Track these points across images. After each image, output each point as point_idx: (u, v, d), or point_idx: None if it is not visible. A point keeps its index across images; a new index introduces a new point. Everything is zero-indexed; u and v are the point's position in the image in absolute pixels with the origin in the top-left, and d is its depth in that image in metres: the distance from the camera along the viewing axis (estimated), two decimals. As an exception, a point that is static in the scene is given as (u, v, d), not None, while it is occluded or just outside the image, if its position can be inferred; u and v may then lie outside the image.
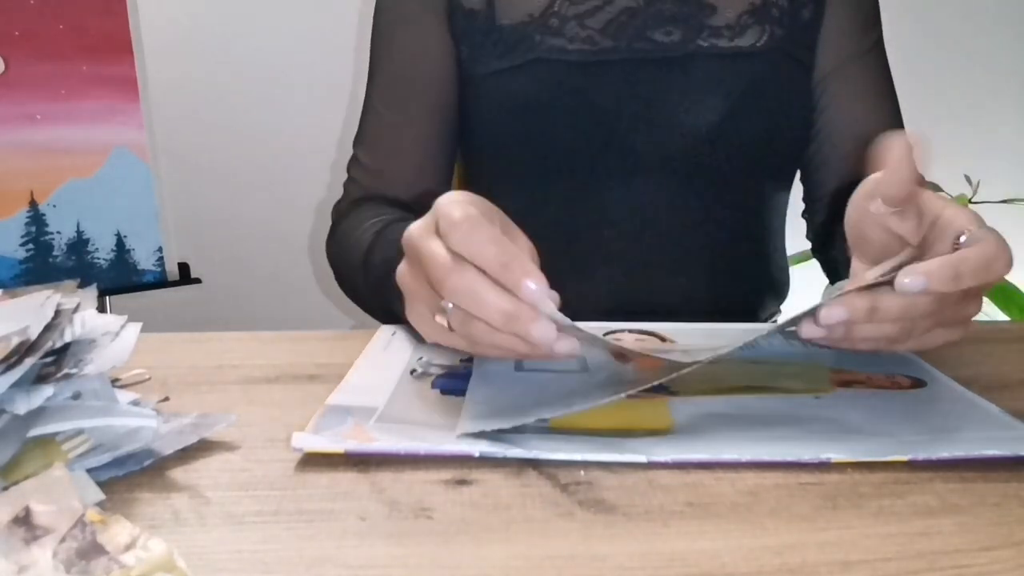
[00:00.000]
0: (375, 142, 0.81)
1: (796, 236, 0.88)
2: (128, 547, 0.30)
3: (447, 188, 0.83)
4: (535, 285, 0.40)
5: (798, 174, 0.85)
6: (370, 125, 0.81)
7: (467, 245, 0.42)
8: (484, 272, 0.41)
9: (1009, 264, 0.44)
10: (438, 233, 0.44)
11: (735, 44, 0.75)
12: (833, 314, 0.43)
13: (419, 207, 0.64)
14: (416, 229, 0.46)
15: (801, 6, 0.77)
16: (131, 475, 0.40)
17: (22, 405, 0.38)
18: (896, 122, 0.80)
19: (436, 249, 0.43)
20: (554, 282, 0.44)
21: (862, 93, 0.79)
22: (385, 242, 0.63)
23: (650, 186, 0.77)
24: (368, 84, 0.82)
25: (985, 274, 0.43)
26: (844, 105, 0.79)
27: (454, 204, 0.43)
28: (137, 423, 0.41)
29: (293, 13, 1.80)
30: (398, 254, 0.51)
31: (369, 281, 0.65)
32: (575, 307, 0.70)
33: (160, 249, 1.60)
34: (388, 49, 0.80)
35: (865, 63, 0.79)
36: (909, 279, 0.42)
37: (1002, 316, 1.64)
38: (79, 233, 1.54)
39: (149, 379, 0.54)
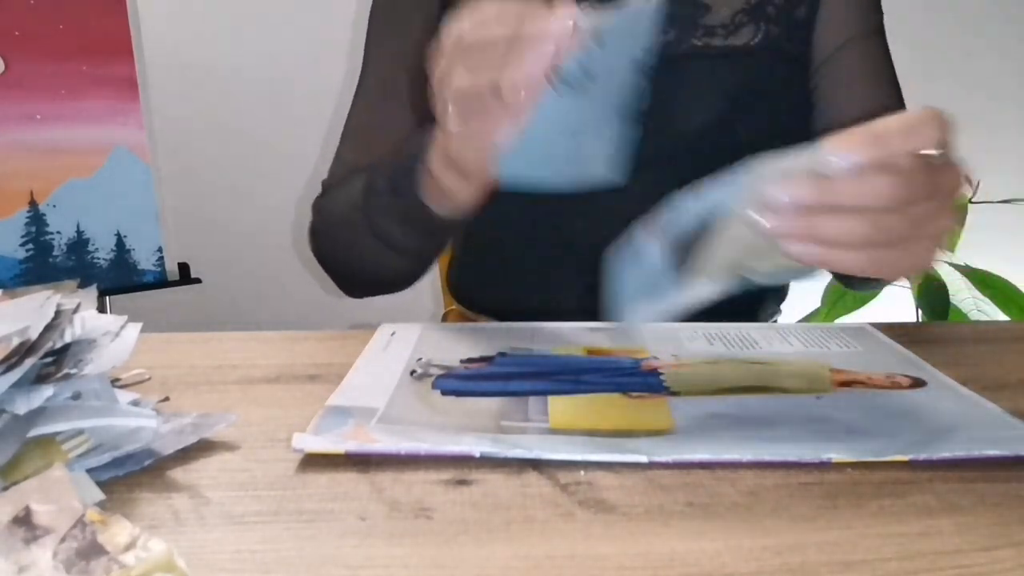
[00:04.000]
0: (361, 137, 0.80)
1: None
2: (128, 547, 0.30)
3: None
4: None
5: None
6: (357, 121, 0.81)
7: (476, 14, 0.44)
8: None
9: (942, 126, 0.40)
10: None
11: (730, 43, 0.75)
12: (775, 195, 0.39)
13: None
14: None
15: (796, 3, 0.77)
16: (131, 475, 0.40)
17: (22, 405, 0.38)
18: (898, 107, 0.79)
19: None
20: (551, 282, 0.44)
21: (862, 77, 0.78)
22: (388, 159, 0.64)
23: (646, 186, 0.77)
24: (359, 81, 0.82)
25: (910, 135, 0.40)
26: (843, 89, 0.78)
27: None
28: (137, 423, 0.41)
29: (293, 13, 1.80)
30: (411, 142, 0.55)
31: (375, 195, 0.65)
32: (574, 306, 0.70)
33: (160, 249, 1.60)
34: (379, 47, 0.80)
35: (865, 48, 0.78)
36: (831, 150, 0.39)
37: (1002, 316, 1.64)
38: (79, 233, 1.54)
39: (149, 379, 0.54)
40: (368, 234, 0.66)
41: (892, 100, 0.79)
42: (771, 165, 0.40)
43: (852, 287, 0.79)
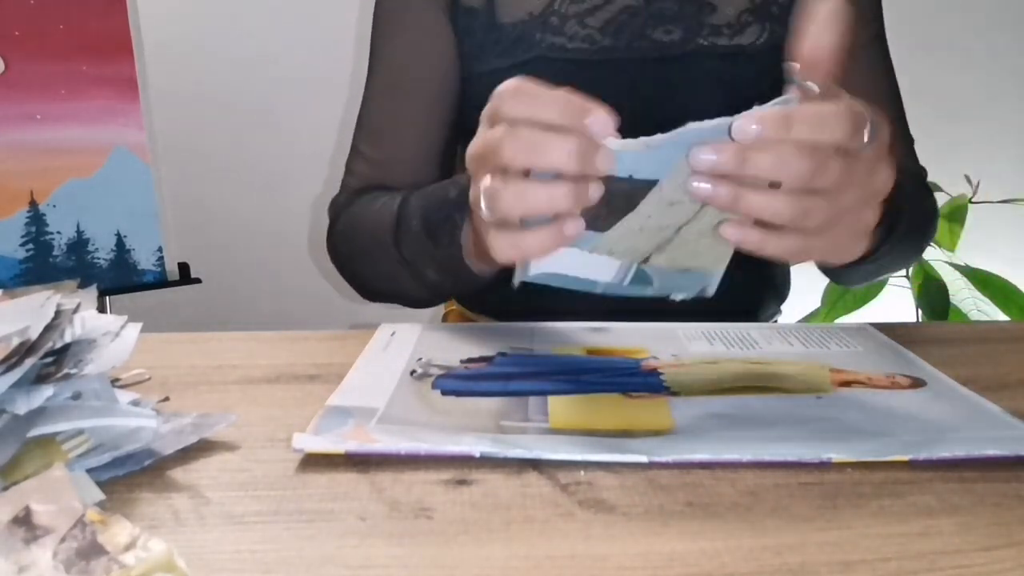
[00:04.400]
0: (376, 133, 0.81)
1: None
2: (128, 547, 0.30)
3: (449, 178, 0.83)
4: (598, 119, 0.41)
5: None
6: (371, 117, 0.81)
7: (520, 105, 0.42)
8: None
9: (855, 122, 0.41)
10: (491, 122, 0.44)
11: (735, 42, 0.75)
12: (703, 154, 0.40)
13: None
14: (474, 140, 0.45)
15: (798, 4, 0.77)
16: (131, 475, 0.40)
17: (22, 405, 0.38)
18: (897, 115, 0.79)
19: (490, 130, 0.43)
20: None
21: (860, 85, 0.79)
22: (420, 195, 0.64)
23: None
24: (368, 76, 0.81)
25: (819, 123, 0.40)
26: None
27: (504, 84, 0.44)
28: (137, 423, 0.41)
29: (293, 13, 1.80)
30: (449, 187, 0.54)
31: (408, 233, 0.64)
32: (575, 306, 0.70)
33: (160, 249, 1.60)
34: (390, 40, 0.80)
35: (864, 55, 0.79)
36: (743, 120, 0.40)
37: (1002, 316, 1.64)
38: (79, 233, 1.54)
39: (149, 379, 0.54)
40: (399, 264, 0.66)
41: (891, 110, 0.79)
42: (695, 131, 0.41)
43: (839, 281, 0.79)
